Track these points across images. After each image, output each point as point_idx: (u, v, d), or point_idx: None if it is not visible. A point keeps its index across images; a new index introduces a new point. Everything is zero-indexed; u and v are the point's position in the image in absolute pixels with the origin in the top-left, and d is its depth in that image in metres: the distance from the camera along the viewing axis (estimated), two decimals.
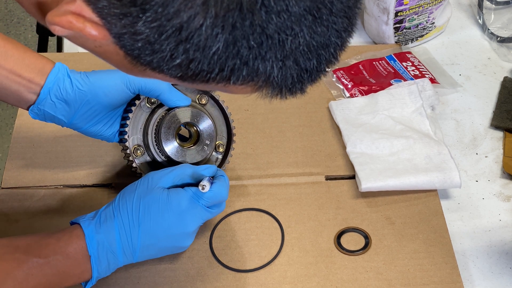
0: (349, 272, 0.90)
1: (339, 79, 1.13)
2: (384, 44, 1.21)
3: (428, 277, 0.89)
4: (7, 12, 2.69)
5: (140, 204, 0.81)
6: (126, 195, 0.82)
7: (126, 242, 0.80)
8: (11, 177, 0.99)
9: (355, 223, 0.95)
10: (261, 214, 0.96)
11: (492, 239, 0.95)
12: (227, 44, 0.49)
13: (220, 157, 0.95)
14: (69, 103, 0.85)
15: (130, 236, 0.80)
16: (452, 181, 0.96)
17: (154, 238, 0.81)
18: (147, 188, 0.82)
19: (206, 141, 0.90)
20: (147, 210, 0.81)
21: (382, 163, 0.99)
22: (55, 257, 0.77)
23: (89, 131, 0.89)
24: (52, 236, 0.79)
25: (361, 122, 1.05)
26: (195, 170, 0.85)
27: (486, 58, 1.21)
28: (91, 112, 0.87)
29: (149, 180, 0.83)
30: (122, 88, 0.86)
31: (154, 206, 0.81)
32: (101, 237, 0.79)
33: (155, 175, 0.83)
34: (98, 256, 0.79)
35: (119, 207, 0.81)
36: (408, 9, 1.16)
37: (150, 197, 0.81)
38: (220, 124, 0.94)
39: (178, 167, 0.85)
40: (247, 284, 0.89)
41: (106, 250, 0.79)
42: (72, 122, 0.87)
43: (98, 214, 0.81)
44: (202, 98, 0.91)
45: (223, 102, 0.94)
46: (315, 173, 1.01)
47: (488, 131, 1.09)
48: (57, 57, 1.18)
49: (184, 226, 0.82)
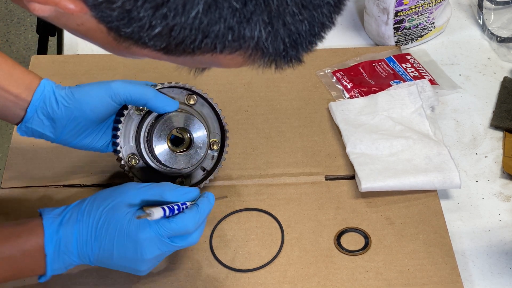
0: (349, 272, 0.90)
1: (338, 80, 1.13)
2: (383, 46, 1.21)
3: (428, 277, 0.89)
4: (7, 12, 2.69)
5: (101, 218, 0.78)
6: (95, 202, 0.79)
7: (82, 250, 0.78)
8: (11, 177, 0.99)
9: (355, 223, 0.95)
10: (261, 214, 0.96)
11: (492, 239, 0.95)
12: (208, 6, 0.46)
13: (215, 154, 0.94)
14: (56, 120, 0.84)
15: (85, 246, 0.78)
16: (452, 182, 0.96)
17: (108, 254, 0.79)
18: (117, 203, 0.79)
19: (199, 144, 0.89)
20: (106, 227, 0.78)
21: (382, 163, 0.99)
22: (11, 254, 0.76)
23: (79, 145, 0.88)
24: (12, 231, 0.78)
25: (361, 122, 1.05)
26: (173, 192, 0.81)
27: (486, 58, 1.21)
28: (79, 128, 0.85)
29: (123, 194, 0.80)
30: (108, 101, 0.84)
31: (113, 226, 0.78)
32: (60, 238, 0.77)
33: (130, 190, 0.80)
34: (53, 257, 0.77)
35: (84, 212, 0.79)
36: (408, 9, 1.16)
37: (114, 215, 0.78)
38: (212, 122, 0.93)
39: (158, 186, 0.81)
40: (247, 284, 0.89)
41: (62, 252, 0.78)
42: (61, 139, 0.86)
43: (64, 212, 0.79)
44: (190, 98, 0.90)
45: (212, 99, 0.93)
46: (315, 173, 1.01)
47: (488, 131, 1.09)
48: (57, 59, 1.18)
49: (139, 253, 0.78)
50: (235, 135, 1.06)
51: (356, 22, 1.27)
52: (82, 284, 0.89)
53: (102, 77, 1.14)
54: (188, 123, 0.88)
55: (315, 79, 1.15)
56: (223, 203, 0.97)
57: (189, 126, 0.88)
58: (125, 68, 1.15)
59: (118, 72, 1.14)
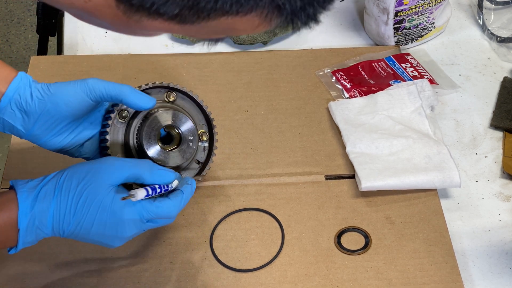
0: (349, 271, 0.90)
1: (338, 80, 1.13)
2: (383, 46, 1.21)
3: (428, 276, 0.89)
4: (7, 12, 2.69)
5: (83, 193, 0.77)
6: (74, 177, 0.78)
7: (57, 225, 0.77)
8: (11, 177, 0.99)
9: (355, 223, 0.95)
10: (261, 214, 0.96)
11: (492, 239, 0.95)
12: None
13: (206, 145, 0.93)
14: (29, 113, 0.83)
15: (62, 221, 0.77)
16: (452, 181, 0.96)
17: (85, 230, 0.78)
18: (97, 180, 0.78)
19: (189, 137, 0.88)
20: (87, 203, 0.77)
21: (382, 162, 0.99)
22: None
23: (49, 143, 0.86)
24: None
25: (361, 122, 1.05)
26: (153, 173, 0.81)
27: (486, 58, 1.21)
28: (51, 122, 0.84)
29: (101, 170, 0.79)
30: (83, 97, 0.83)
31: (95, 202, 0.77)
32: (34, 214, 0.77)
33: (110, 168, 0.79)
34: (26, 231, 0.77)
35: (62, 187, 0.78)
36: (408, 9, 1.16)
37: (95, 191, 0.77)
38: (196, 114, 0.92)
39: (137, 166, 0.81)
40: (247, 283, 0.89)
41: (35, 227, 0.77)
42: (32, 133, 0.84)
43: (39, 186, 0.78)
44: (170, 95, 0.89)
45: (192, 92, 0.91)
46: (315, 172, 1.01)
47: (487, 131, 1.09)
48: (56, 60, 1.18)
49: (119, 232, 0.78)
50: (235, 135, 1.06)
51: (356, 22, 1.27)
52: (82, 284, 0.89)
53: (102, 77, 1.12)
54: (174, 119, 0.87)
55: (314, 79, 1.15)
56: (223, 203, 0.97)
57: (176, 122, 0.87)
58: (125, 68, 1.15)
59: (117, 73, 1.14)
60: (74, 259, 0.91)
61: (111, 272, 0.89)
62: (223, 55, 1.18)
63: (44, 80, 1.13)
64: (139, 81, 1.13)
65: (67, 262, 0.91)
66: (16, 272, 0.90)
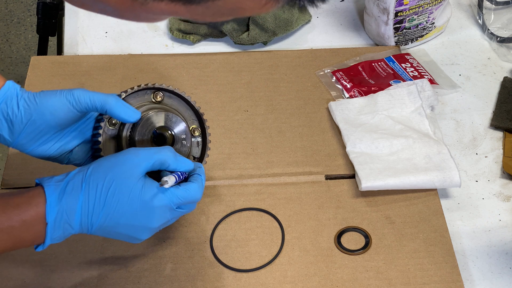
0: (350, 271, 0.90)
1: (338, 80, 1.13)
2: (383, 46, 1.21)
3: (428, 276, 0.89)
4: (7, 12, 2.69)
5: (111, 185, 0.77)
6: (100, 170, 0.78)
7: (86, 218, 0.77)
8: (11, 177, 0.99)
9: (355, 223, 0.95)
10: (261, 214, 0.96)
11: (492, 239, 0.95)
12: None
13: (199, 139, 0.92)
14: (15, 123, 0.82)
15: (91, 214, 0.77)
16: (452, 180, 0.96)
17: (114, 222, 0.78)
18: (124, 170, 0.78)
19: (182, 136, 0.88)
20: (116, 194, 0.77)
21: (382, 162, 0.99)
22: (10, 225, 0.75)
23: (36, 152, 0.86)
24: (11, 200, 0.77)
25: (361, 122, 1.05)
26: (177, 158, 0.82)
27: (486, 58, 1.21)
28: (37, 131, 0.84)
29: (128, 161, 0.79)
30: (69, 107, 0.82)
31: (125, 192, 0.78)
32: (62, 207, 0.77)
33: (136, 157, 0.80)
34: (54, 226, 0.77)
35: (89, 181, 0.78)
36: (408, 9, 1.16)
37: (124, 182, 0.78)
38: (185, 110, 0.91)
39: (161, 152, 0.81)
40: (247, 283, 0.89)
41: (63, 221, 0.77)
42: (18, 143, 0.84)
43: (65, 180, 0.78)
44: (156, 96, 0.88)
45: (178, 89, 0.90)
46: (315, 172, 1.01)
47: (488, 131, 1.09)
48: (56, 60, 1.18)
49: (149, 221, 0.79)
50: (235, 135, 1.06)
51: (356, 22, 1.27)
52: (82, 284, 0.89)
53: (102, 77, 1.14)
54: (165, 120, 0.87)
55: (314, 79, 1.15)
56: (223, 203, 0.97)
57: (167, 123, 0.86)
58: (125, 68, 1.15)
59: (117, 72, 1.14)
60: (74, 259, 0.91)
61: (111, 272, 0.89)
62: (223, 55, 1.18)
63: (44, 80, 1.13)
64: (139, 81, 1.13)
65: (67, 262, 0.91)
66: (16, 272, 0.90)
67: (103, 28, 1.25)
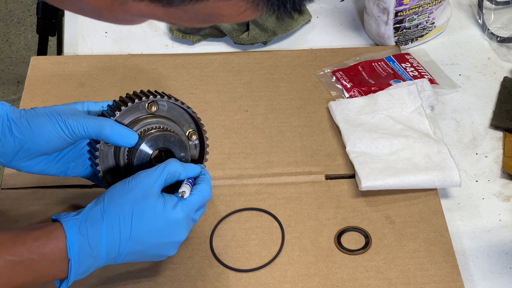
0: (350, 271, 0.90)
1: (338, 80, 1.13)
2: (383, 46, 1.21)
3: (429, 276, 0.89)
4: (7, 12, 2.69)
5: (134, 210, 0.77)
6: (116, 198, 0.78)
7: (113, 248, 0.77)
8: (11, 177, 0.99)
9: (355, 223, 0.95)
10: (261, 214, 0.96)
11: (492, 239, 0.95)
12: None
13: (197, 142, 0.92)
14: (7, 149, 0.81)
15: (118, 242, 0.77)
16: (452, 180, 0.96)
17: (144, 245, 0.78)
18: (141, 193, 0.78)
19: (181, 154, 0.87)
20: (140, 217, 0.77)
21: (382, 162, 0.99)
22: (30, 257, 0.74)
23: (31, 171, 0.85)
24: (30, 234, 0.75)
25: (361, 121, 1.05)
26: (184, 166, 0.83)
27: (486, 58, 1.21)
28: (32, 157, 0.83)
29: (141, 183, 0.79)
30: (64, 137, 0.81)
31: (149, 214, 0.77)
32: (84, 240, 0.75)
33: (147, 178, 0.79)
34: (78, 260, 0.75)
35: (109, 211, 0.77)
36: (408, 9, 1.16)
37: (145, 203, 0.78)
38: (180, 115, 0.89)
39: (169, 166, 0.81)
40: (247, 283, 0.89)
41: (87, 254, 0.76)
42: (12, 165, 0.83)
43: (83, 213, 0.77)
44: (151, 106, 0.86)
45: (171, 96, 0.88)
46: (315, 172, 1.01)
47: (488, 131, 1.09)
48: (56, 60, 1.18)
49: (177, 235, 0.79)
50: (235, 135, 1.06)
51: (356, 22, 1.27)
52: (82, 284, 0.88)
53: (102, 77, 1.14)
54: (162, 141, 0.85)
55: (314, 79, 1.15)
56: (223, 203, 0.97)
57: (165, 144, 0.86)
58: (125, 68, 1.15)
59: (117, 72, 1.14)
60: None
61: (111, 272, 0.89)
62: (223, 55, 1.18)
63: (44, 80, 1.13)
64: (139, 81, 1.13)
65: None
66: None
67: (103, 28, 1.25)
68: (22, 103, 1.10)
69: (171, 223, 0.79)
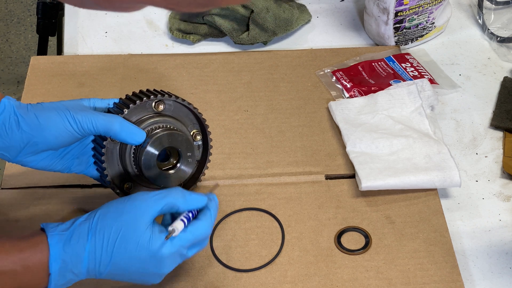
0: (350, 271, 0.90)
1: (338, 80, 1.13)
2: (383, 46, 1.21)
3: (429, 276, 0.89)
4: (7, 12, 2.69)
5: (119, 235, 0.76)
6: (107, 218, 0.77)
7: (93, 267, 0.76)
8: (11, 177, 0.99)
9: (355, 223, 0.95)
10: (261, 214, 0.96)
11: (492, 239, 0.95)
12: None
13: (200, 143, 0.92)
14: (14, 143, 0.81)
15: (99, 264, 0.76)
16: (452, 180, 0.96)
17: (123, 271, 0.77)
18: (132, 218, 0.77)
19: (188, 153, 0.87)
20: (124, 243, 0.76)
21: (382, 162, 0.99)
22: (13, 268, 0.74)
23: (36, 167, 0.85)
24: (15, 245, 0.75)
25: (361, 121, 1.05)
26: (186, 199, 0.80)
27: (486, 58, 1.21)
28: (38, 151, 0.82)
29: (135, 208, 0.78)
30: (72, 132, 0.81)
31: (133, 242, 0.76)
32: (67, 257, 0.75)
33: (143, 203, 0.78)
34: (59, 275, 0.75)
35: (95, 230, 0.76)
36: (408, 9, 1.16)
37: (132, 231, 0.76)
38: (186, 115, 0.90)
39: (169, 196, 0.80)
40: (247, 283, 0.89)
41: (68, 270, 0.76)
42: (18, 160, 0.83)
43: (70, 229, 0.77)
44: (158, 106, 0.86)
45: (178, 96, 0.88)
46: (315, 172, 1.01)
47: (488, 131, 1.09)
48: (56, 60, 1.18)
49: (159, 269, 0.78)
50: (235, 135, 1.06)
51: (356, 22, 1.27)
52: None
53: (102, 77, 1.14)
54: (170, 140, 0.85)
55: (314, 78, 1.15)
56: (223, 203, 0.97)
57: (172, 143, 0.86)
58: (125, 68, 1.15)
59: (117, 72, 1.14)
60: None
61: None
62: (223, 55, 1.18)
63: (44, 80, 1.13)
64: (139, 81, 1.13)
65: None
66: None
67: (103, 28, 1.25)
68: None
69: (153, 258, 0.77)
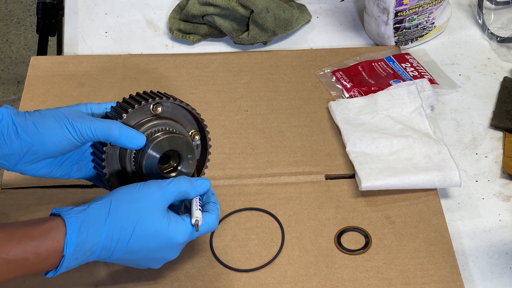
0: (350, 271, 0.90)
1: (338, 80, 1.13)
2: (383, 46, 1.21)
3: (429, 276, 0.89)
4: (7, 12, 2.69)
5: (137, 222, 0.78)
6: (124, 204, 0.78)
7: (106, 252, 0.77)
8: (11, 177, 0.99)
9: (355, 223, 0.95)
10: (261, 214, 0.96)
11: (492, 239, 0.95)
12: None
13: (199, 143, 0.91)
14: (13, 151, 0.80)
15: (113, 249, 0.77)
16: (452, 180, 0.96)
17: (134, 256, 0.79)
18: (149, 205, 0.79)
19: (189, 155, 0.87)
20: (142, 232, 0.78)
21: (382, 162, 0.99)
22: (24, 256, 0.74)
23: (36, 175, 0.85)
24: (28, 232, 0.75)
25: (361, 121, 1.05)
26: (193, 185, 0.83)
27: (486, 58, 1.21)
28: (37, 160, 0.82)
29: (152, 194, 0.79)
30: (71, 140, 0.81)
31: (151, 230, 0.78)
32: (82, 241, 0.76)
33: (159, 190, 0.80)
34: (72, 257, 0.76)
35: (113, 215, 0.77)
36: (408, 9, 1.16)
37: (150, 220, 0.78)
38: (184, 116, 0.89)
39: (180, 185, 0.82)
40: (247, 283, 0.89)
41: (81, 253, 0.76)
42: (17, 168, 0.83)
43: (86, 212, 0.77)
44: (156, 108, 0.86)
45: (175, 98, 0.87)
46: (315, 172, 1.01)
47: (488, 131, 1.09)
48: (56, 60, 1.18)
49: (171, 255, 0.82)
50: (235, 135, 1.06)
51: (356, 22, 1.27)
52: (82, 284, 0.89)
53: (102, 77, 1.14)
54: (170, 143, 0.85)
55: (314, 79, 1.15)
56: (223, 203, 0.97)
57: (172, 146, 0.85)
58: (125, 68, 1.15)
59: (117, 72, 1.14)
60: None
61: (111, 273, 0.89)
62: (223, 55, 1.18)
63: (44, 80, 1.13)
64: (139, 81, 1.13)
65: None
66: None
67: (103, 28, 1.25)
68: (22, 103, 1.10)
69: (170, 245, 0.80)
